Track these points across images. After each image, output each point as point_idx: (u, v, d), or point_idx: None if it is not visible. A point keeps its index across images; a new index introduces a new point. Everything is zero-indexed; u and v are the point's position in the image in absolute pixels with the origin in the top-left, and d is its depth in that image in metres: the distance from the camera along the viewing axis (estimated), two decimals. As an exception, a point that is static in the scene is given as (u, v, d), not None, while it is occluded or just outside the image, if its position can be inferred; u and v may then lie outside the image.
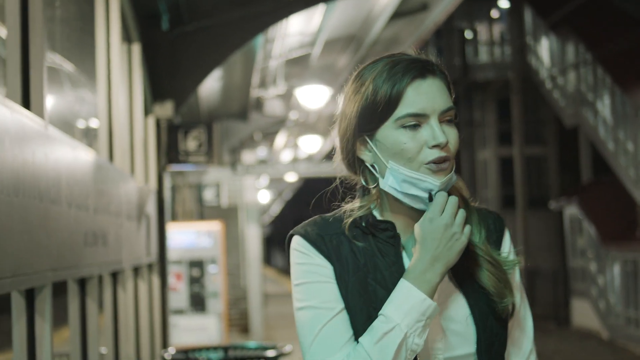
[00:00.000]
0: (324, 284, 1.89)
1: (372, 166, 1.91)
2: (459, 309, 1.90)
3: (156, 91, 8.59)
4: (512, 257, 2.02)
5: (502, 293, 1.92)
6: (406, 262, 1.91)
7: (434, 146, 1.83)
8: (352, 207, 1.97)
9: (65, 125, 8.39)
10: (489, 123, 28.93)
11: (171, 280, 13.37)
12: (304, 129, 18.37)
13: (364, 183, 1.96)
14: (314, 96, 13.60)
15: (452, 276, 1.93)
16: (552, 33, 24.01)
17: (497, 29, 28.62)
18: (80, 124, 7.55)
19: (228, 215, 17.73)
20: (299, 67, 14.68)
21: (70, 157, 4.35)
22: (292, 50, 13.10)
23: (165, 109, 8.50)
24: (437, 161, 1.84)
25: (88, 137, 6.89)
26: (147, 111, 8.55)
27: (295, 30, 11.95)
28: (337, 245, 1.91)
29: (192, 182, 16.84)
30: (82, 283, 4.97)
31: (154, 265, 8.49)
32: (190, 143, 9.35)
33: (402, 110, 1.83)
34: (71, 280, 4.82)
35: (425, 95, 1.84)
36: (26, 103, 3.82)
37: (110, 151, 6.36)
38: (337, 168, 2.02)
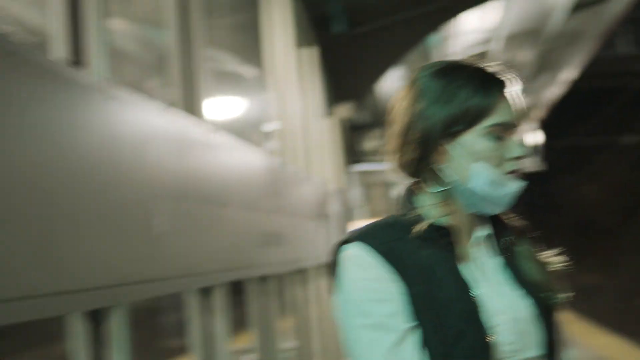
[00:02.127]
0: (390, 301, 1.77)
1: (441, 168, 1.85)
2: (526, 309, 1.87)
3: (336, 92, 8.71)
4: (555, 258, 1.99)
5: (554, 287, 1.92)
6: (463, 268, 1.86)
7: (515, 157, 1.84)
8: (417, 212, 1.87)
9: (248, 128, 8.65)
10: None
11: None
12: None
13: (429, 189, 1.87)
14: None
15: (508, 276, 1.90)
16: None
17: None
18: (263, 127, 7.77)
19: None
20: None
21: (239, 160, 4.48)
22: (469, 47, 12.95)
23: (346, 110, 8.61)
24: (515, 173, 1.85)
25: (270, 139, 7.09)
26: (328, 112, 8.69)
27: (472, 27, 11.81)
28: (402, 254, 1.81)
29: (381, 179, 16.95)
30: (259, 283, 5.11)
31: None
32: (372, 142, 9.42)
33: (493, 119, 1.82)
34: (250, 280, 4.97)
35: (510, 108, 1.85)
36: (192, 109, 3.97)
37: (289, 153, 6.51)
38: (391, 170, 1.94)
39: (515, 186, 1.84)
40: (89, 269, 2.50)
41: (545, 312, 1.88)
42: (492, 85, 1.82)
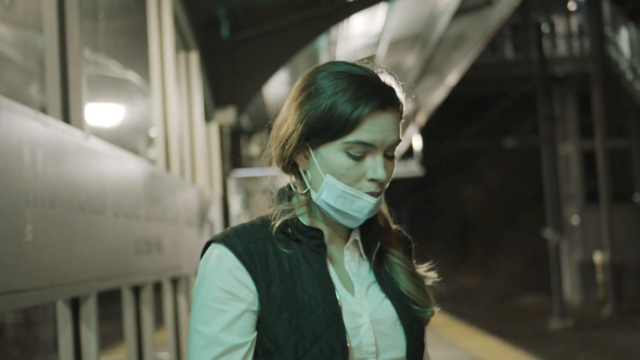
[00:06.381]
0: (228, 312, 1.80)
1: (305, 172, 1.87)
2: (388, 312, 1.89)
3: (217, 97, 8.67)
4: (428, 273, 2.03)
5: (425, 303, 1.94)
6: (331, 271, 1.88)
7: (373, 180, 1.82)
8: (277, 210, 1.90)
9: (134, 134, 8.51)
10: (570, 117, 28.44)
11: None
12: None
13: (292, 188, 1.91)
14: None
15: (376, 281, 1.92)
16: (631, 22, 23.51)
17: (574, 21, 28.13)
18: (148, 134, 7.66)
19: (303, 218, 17.73)
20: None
21: (116, 167, 4.41)
22: (356, 51, 13.08)
23: (227, 115, 8.57)
24: (371, 194, 1.83)
25: (154, 146, 7.00)
26: (208, 117, 8.64)
27: (358, 31, 11.94)
28: (264, 254, 1.83)
29: (265, 186, 16.95)
30: (136, 291, 5.04)
31: (220, 270, 8.53)
32: (254, 148, 9.42)
33: (354, 136, 1.79)
34: (125, 288, 4.89)
35: (380, 128, 1.80)
36: (66, 116, 3.88)
37: (167, 159, 6.43)
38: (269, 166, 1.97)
39: (366, 204, 1.82)
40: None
41: (409, 318, 1.90)
42: (364, 101, 1.78)
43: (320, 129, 1.80)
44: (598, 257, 26.68)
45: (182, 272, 6.17)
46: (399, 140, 1.86)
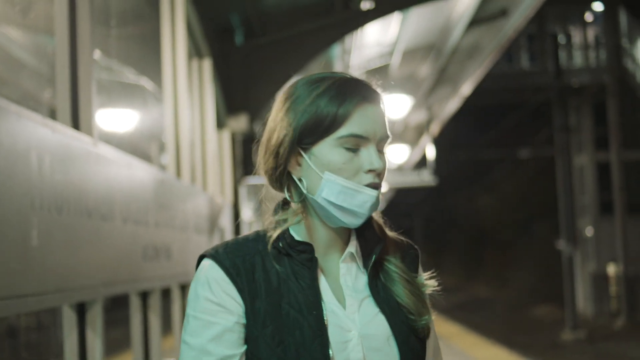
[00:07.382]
0: (217, 324, 1.81)
1: (300, 179, 1.85)
2: (380, 327, 1.87)
3: (230, 104, 8.67)
4: (428, 281, 2.00)
5: (420, 311, 1.91)
6: (323, 284, 1.87)
7: (370, 171, 1.82)
8: (270, 223, 1.90)
9: (147, 140, 8.53)
10: (585, 128, 28.36)
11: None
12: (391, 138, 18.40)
13: (287, 198, 1.89)
14: (395, 106, 13.69)
15: (371, 294, 1.90)
16: (648, 34, 23.47)
17: (591, 33, 28.06)
18: (160, 140, 7.68)
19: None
20: (379, 77, 14.73)
21: (125, 174, 4.42)
22: (370, 60, 13.10)
23: (240, 122, 8.58)
24: (370, 186, 1.83)
25: (165, 152, 7.01)
26: (220, 124, 8.65)
27: (373, 40, 11.94)
28: (251, 269, 1.84)
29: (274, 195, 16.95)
30: (144, 297, 5.04)
31: (230, 277, 8.54)
32: (267, 155, 9.43)
33: (346, 130, 1.80)
34: (132, 294, 4.90)
35: (370, 119, 1.83)
36: (75, 122, 3.90)
37: (178, 166, 6.45)
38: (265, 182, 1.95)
39: (368, 197, 1.81)
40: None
41: (405, 333, 1.89)
42: (348, 96, 1.81)
43: (310, 128, 1.81)
44: (611, 269, 26.58)
45: (191, 279, 6.17)
46: (389, 135, 1.88)
